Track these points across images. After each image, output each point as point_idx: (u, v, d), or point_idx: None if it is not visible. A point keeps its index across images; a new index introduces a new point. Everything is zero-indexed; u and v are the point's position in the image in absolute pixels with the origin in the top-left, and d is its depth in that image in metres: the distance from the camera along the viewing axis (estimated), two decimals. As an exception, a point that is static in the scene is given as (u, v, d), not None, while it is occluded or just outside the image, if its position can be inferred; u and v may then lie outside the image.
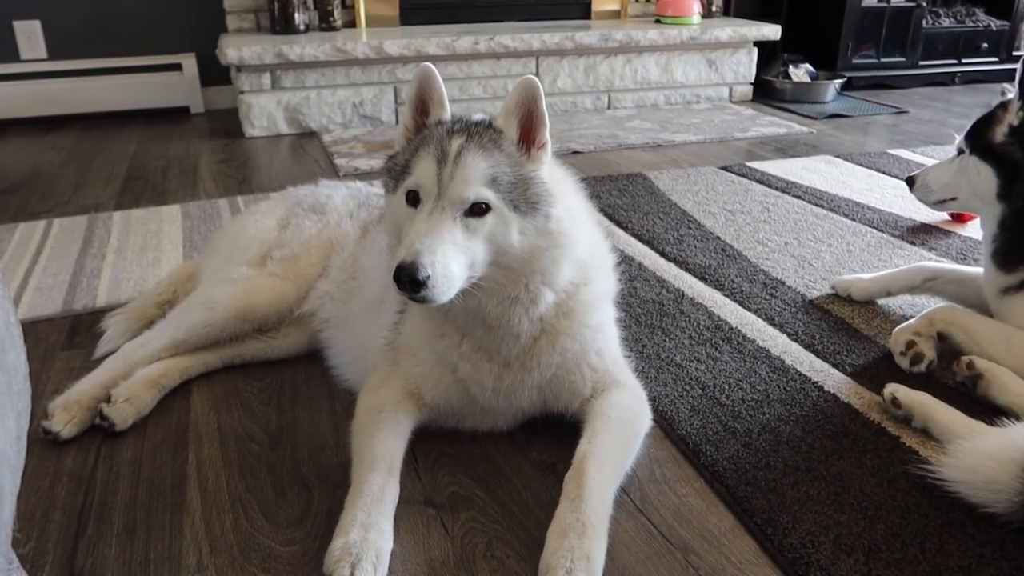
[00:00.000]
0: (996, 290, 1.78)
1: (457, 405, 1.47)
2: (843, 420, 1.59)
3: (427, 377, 1.45)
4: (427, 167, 1.27)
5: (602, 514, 1.22)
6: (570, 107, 4.42)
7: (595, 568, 1.14)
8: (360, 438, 1.39)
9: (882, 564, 1.22)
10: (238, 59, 3.75)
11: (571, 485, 1.25)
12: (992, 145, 1.76)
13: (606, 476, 1.29)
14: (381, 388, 1.46)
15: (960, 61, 5.21)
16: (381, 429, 1.38)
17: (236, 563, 1.24)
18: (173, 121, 4.31)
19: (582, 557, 1.13)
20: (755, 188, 3.03)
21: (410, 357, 1.47)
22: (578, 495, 1.23)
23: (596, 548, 1.16)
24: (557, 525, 1.19)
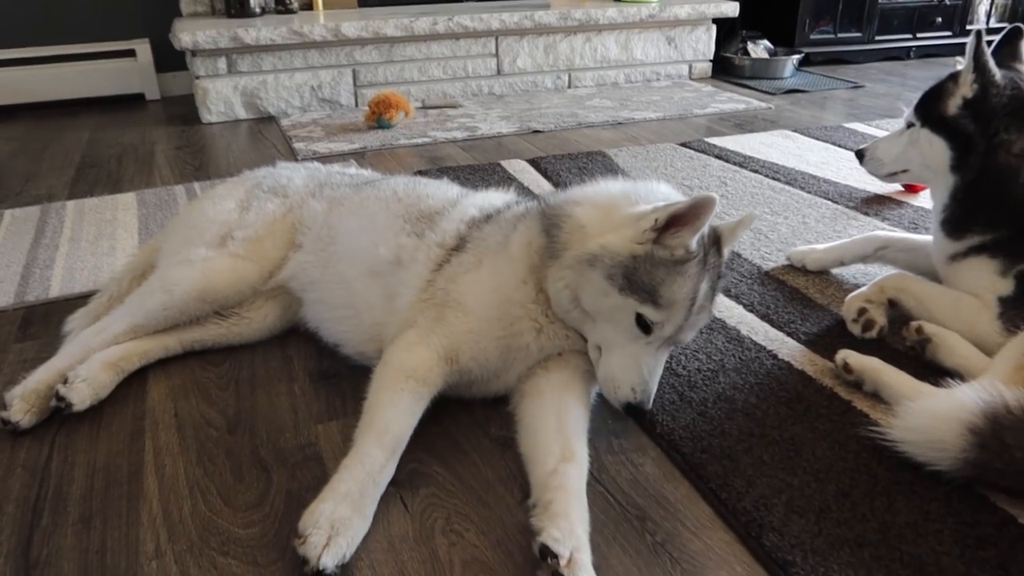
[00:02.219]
0: (945, 257, 1.81)
1: (489, 367, 1.48)
2: (797, 387, 1.62)
3: (474, 335, 1.45)
4: (677, 316, 1.36)
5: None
6: (530, 87, 4.41)
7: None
8: (381, 396, 1.37)
9: (832, 523, 1.25)
10: (193, 43, 3.68)
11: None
12: (945, 118, 1.78)
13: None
14: (418, 346, 1.43)
15: (915, 35, 5.28)
16: (404, 400, 1.36)
17: (195, 547, 1.24)
18: (128, 108, 4.23)
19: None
20: (714, 163, 3.05)
21: (460, 314, 1.46)
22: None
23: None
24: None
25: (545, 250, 1.44)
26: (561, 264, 1.40)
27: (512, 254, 1.49)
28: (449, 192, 1.78)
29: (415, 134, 3.53)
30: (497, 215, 1.63)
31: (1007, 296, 1.65)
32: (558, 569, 1.10)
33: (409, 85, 4.15)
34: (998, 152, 1.68)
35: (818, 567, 1.16)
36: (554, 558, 1.11)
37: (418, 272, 1.57)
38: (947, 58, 5.22)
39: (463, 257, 1.54)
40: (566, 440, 1.36)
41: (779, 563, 1.18)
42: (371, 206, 1.75)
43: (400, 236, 1.65)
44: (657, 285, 1.33)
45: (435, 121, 3.77)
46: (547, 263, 1.44)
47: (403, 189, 1.78)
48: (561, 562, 1.10)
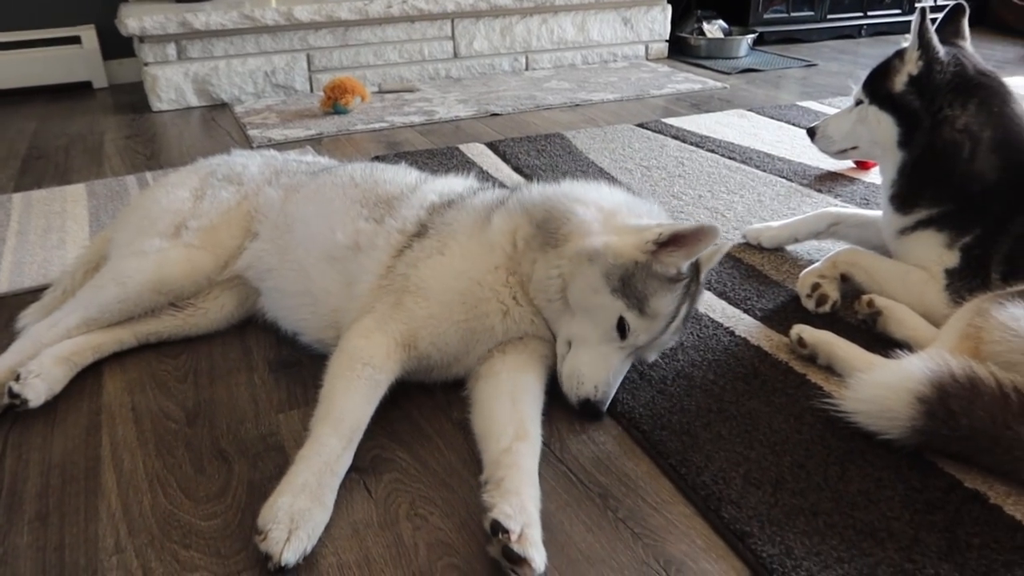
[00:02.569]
0: (894, 232, 1.86)
1: (449, 351, 1.48)
2: (753, 362, 1.65)
3: (434, 320, 1.45)
4: (655, 328, 1.43)
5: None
6: (488, 69, 4.39)
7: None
8: (337, 384, 1.36)
9: (788, 494, 1.28)
10: (140, 29, 3.59)
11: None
12: (892, 95, 1.82)
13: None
14: (375, 333, 1.43)
15: (866, 14, 5.36)
16: (360, 387, 1.36)
17: (156, 541, 1.22)
18: (75, 97, 4.11)
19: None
20: (670, 144, 3.08)
21: (420, 299, 1.46)
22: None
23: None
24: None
25: (534, 239, 1.47)
26: (559, 254, 1.44)
27: (490, 240, 1.50)
28: (407, 177, 1.77)
29: (372, 119, 3.50)
30: (460, 200, 1.63)
31: (953, 268, 1.70)
32: (508, 544, 1.11)
33: (365, 69, 4.09)
34: (943, 128, 1.72)
35: (774, 536, 1.20)
36: (505, 533, 1.12)
37: (377, 258, 1.56)
38: (897, 36, 5.32)
39: (425, 242, 1.53)
40: (520, 419, 1.37)
41: (737, 534, 1.21)
42: (328, 192, 1.74)
43: (358, 221, 1.64)
44: (648, 295, 1.39)
45: (392, 106, 3.74)
46: (536, 252, 1.46)
47: (360, 175, 1.77)
48: (512, 537, 1.11)
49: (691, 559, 1.18)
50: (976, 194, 1.70)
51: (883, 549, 1.17)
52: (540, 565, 1.12)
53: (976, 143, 1.70)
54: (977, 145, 1.70)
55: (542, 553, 1.13)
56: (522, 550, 1.11)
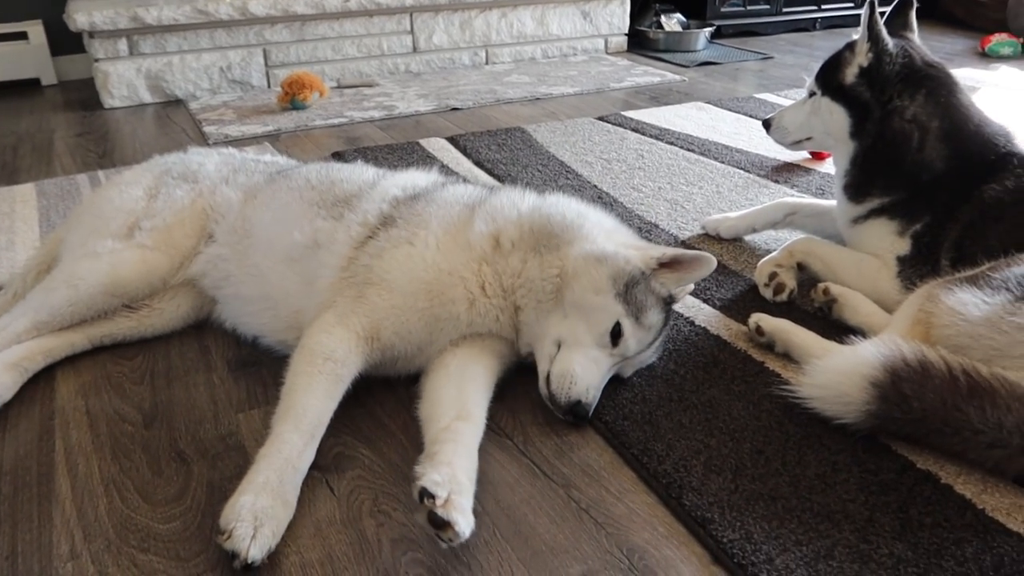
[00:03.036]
0: (847, 220, 1.90)
1: (412, 341, 1.47)
2: (713, 351, 1.67)
3: (397, 309, 1.44)
4: (644, 340, 1.48)
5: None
6: (448, 64, 4.37)
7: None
8: (298, 380, 1.35)
9: (748, 479, 1.30)
10: (89, 24, 3.50)
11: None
12: (844, 86, 1.85)
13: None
14: (337, 328, 1.42)
15: (820, 7, 5.45)
16: (322, 382, 1.35)
17: (112, 546, 1.20)
18: (22, 94, 4.00)
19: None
20: (630, 136, 3.10)
21: (383, 291, 1.45)
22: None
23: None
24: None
25: (522, 241, 1.51)
26: (559, 255, 1.48)
27: (468, 240, 1.51)
28: (365, 175, 1.75)
29: (331, 114, 3.46)
30: (427, 193, 1.62)
31: (904, 255, 1.74)
32: (433, 508, 1.11)
33: (323, 64, 4.05)
34: (892, 118, 1.76)
35: (735, 522, 1.21)
36: (431, 499, 1.12)
37: (337, 251, 1.55)
38: (851, 28, 5.40)
39: (392, 232, 1.52)
40: (464, 403, 1.37)
41: (698, 521, 1.22)
42: (284, 196, 1.71)
43: (316, 221, 1.62)
44: (647, 307, 1.45)
45: (351, 101, 3.70)
46: (526, 252, 1.49)
47: (316, 177, 1.75)
48: (437, 502, 1.11)
49: (653, 546, 1.19)
50: (925, 183, 1.74)
51: (840, 530, 1.20)
52: (465, 529, 1.11)
53: (925, 133, 1.74)
54: (926, 135, 1.74)
55: (468, 519, 1.13)
56: (446, 514, 1.10)
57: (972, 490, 1.27)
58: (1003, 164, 1.69)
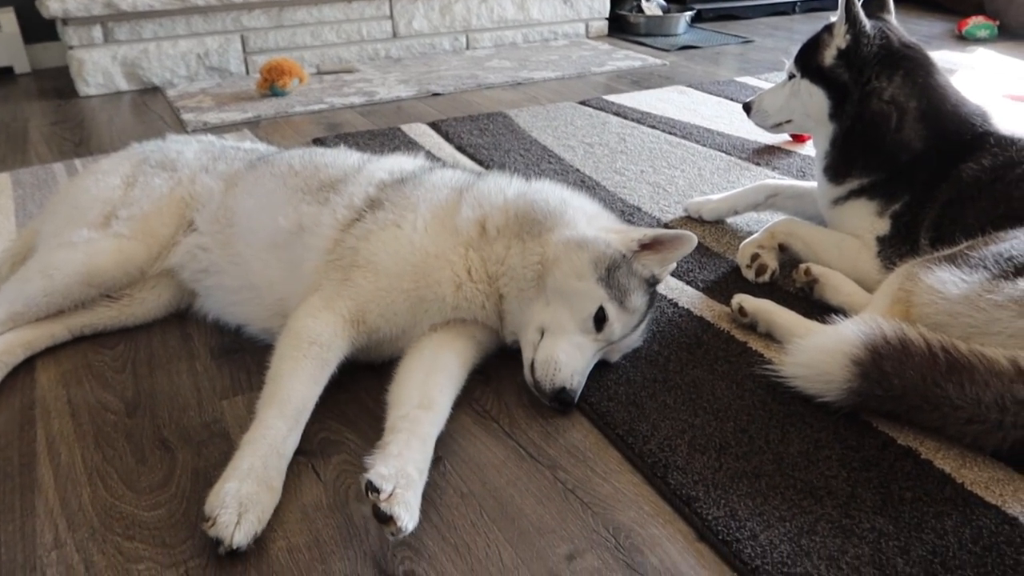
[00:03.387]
0: (828, 202, 1.91)
1: (398, 323, 1.47)
2: (696, 332, 1.68)
3: (382, 291, 1.44)
4: (629, 324, 1.48)
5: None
6: (428, 49, 4.34)
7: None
8: (283, 365, 1.35)
9: (732, 458, 1.32)
10: (62, 11, 3.44)
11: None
12: (822, 68, 1.86)
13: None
14: (323, 311, 1.41)
15: (799, -10, 5.47)
16: (307, 367, 1.35)
17: (97, 535, 1.19)
18: (-5, 83, 3.93)
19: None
20: (612, 120, 3.10)
21: (369, 274, 1.44)
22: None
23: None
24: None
25: (507, 228, 1.50)
26: (541, 242, 1.47)
27: (455, 225, 1.50)
28: (349, 159, 1.74)
29: (311, 101, 3.43)
30: (415, 177, 1.61)
31: (884, 235, 1.75)
32: (377, 503, 1.11)
33: (302, 51, 4.01)
34: (871, 99, 1.77)
35: (719, 500, 1.23)
36: (375, 492, 1.12)
37: (323, 234, 1.54)
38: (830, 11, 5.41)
39: (379, 214, 1.51)
40: (428, 390, 1.37)
41: (684, 499, 1.23)
42: (267, 183, 1.70)
43: (300, 206, 1.61)
44: (630, 291, 1.45)
45: (331, 87, 3.67)
46: (510, 239, 1.49)
47: (299, 162, 1.73)
48: (382, 496, 1.12)
49: (639, 525, 1.20)
50: (904, 163, 1.75)
51: (822, 506, 1.21)
52: (408, 524, 1.12)
53: (903, 113, 1.75)
54: (904, 115, 1.75)
55: (412, 514, 1.13)
56: (389, 508, 1.11)
57: (951, 465, 1.29)
58: (980, 143, 1.70)
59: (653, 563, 1.14)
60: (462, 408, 1.47)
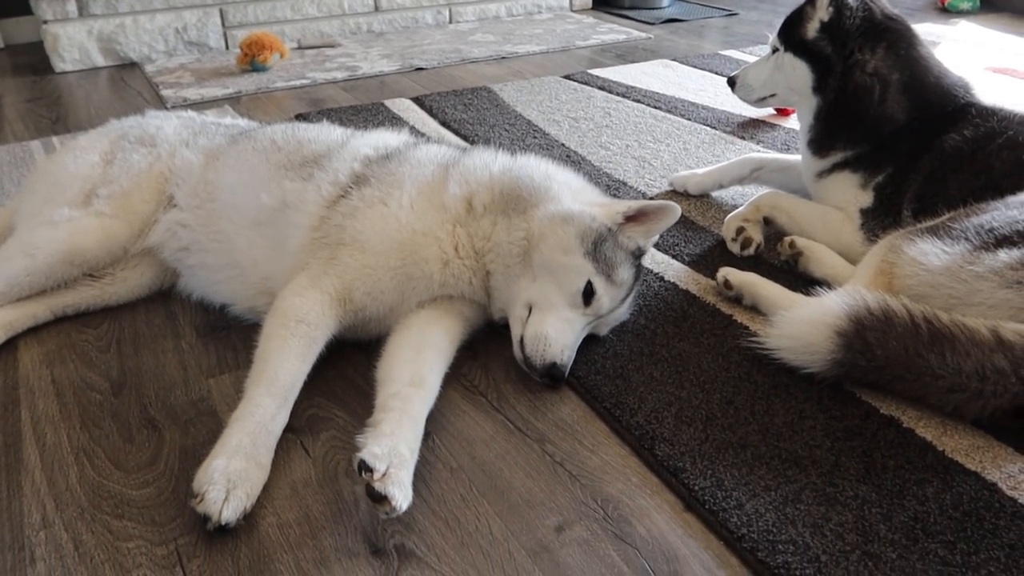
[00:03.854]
0: (812, 175, 1.92)
1: (385, 301, 1.46)
2: (682, 305, 1.69)
3: (369, 269, 1.43)
4: (616, 297, 1.49)
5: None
6: (411, 23, 4.29)
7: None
8: (271, 344, 1.34)
9: (718, 429, 1.33)
10: (34, -16, 3.36)
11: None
12: (806, 41, 1.86)
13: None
14: (310, 290, 1.41)
15: (783, -38, 5.42)
16: (295, 345, 1.34)
17: (86, 513, 1.19)
18: (-33, 59, 3.85)
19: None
20: (597, 95, 3.08)
21: (355, 252, 1.44)
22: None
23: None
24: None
25: (493, 204, 1.50)
26: (526, 218, 1.47)
27: (443, 202, 1.50)
28: (332, 134, 1.72)
29: (292, 76, 3.39)
30: (400, 153, 1.60)
31: (867, 208, 1.76)
32: (371, 482, 1.12)
33: (282, 25, 3.95)
34: (854, 72, 1.78)
35: (706, 470, 1.24)
36: (368, 472, 1.12)
37: (308, 211, 1.53)
38: (813, -15, 5.39)
39: (366, 191, 1.50)
40: (418, 368, 1.37)
41: (670, 470, 1.25)
42: (249, 159, 1.68)
43: (284, 182, 1.59)
44: (617, 264, 1.46)
45: (313, 62, 3.62)
46: (496, 215, 1.49)
47: (282, 137, 1.71)
48: (375, 475, 1.12)
49: (627, 496, 1.22)
50: (887, 135, 1.76)
51: (807, 475, 1.23)
52: (402, 503, 1.12)
53: (886, 86, 1.75)
54: (887, 88, 1.75)
55: (405, 493, 1.14)
56: (383, 487, 1.11)
57: (933, 433, 1.31)
58: (962, 114, 1.71)
59: (641, 533, 1.15)
60: (451, 383, 1.47)
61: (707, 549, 1.13)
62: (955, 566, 1.07)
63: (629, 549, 1.12)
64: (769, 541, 1.11)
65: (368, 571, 1.10)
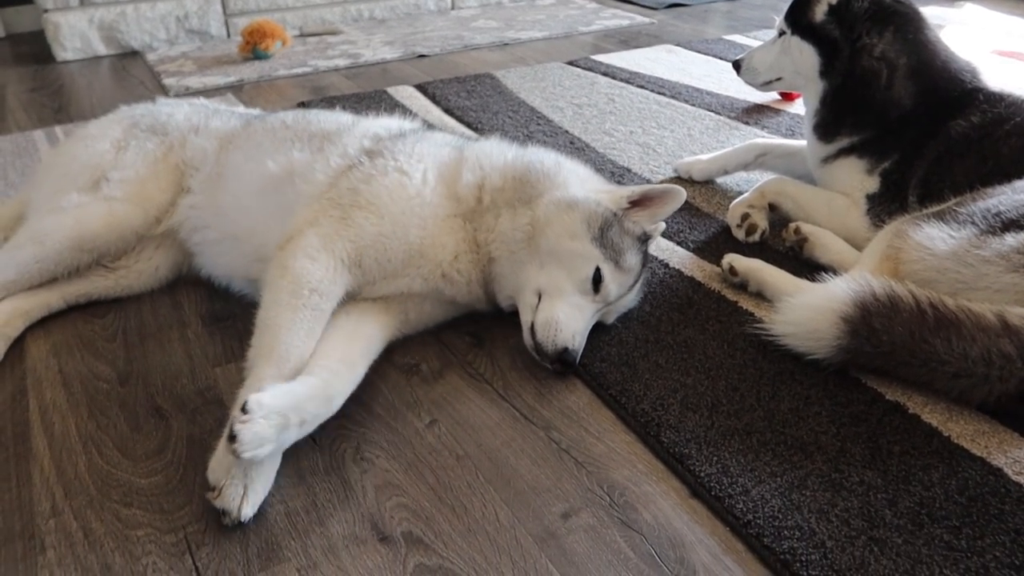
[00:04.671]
0: (817, 160, 1.91)
1: (384, 272, 1.45)
2: (687, 292, 1.69)
3: (384, 238, 1.42)
4: (625, 283, 1.49)
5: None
6: (412, 10, 4.26)
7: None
8: (281, 314, 1.31)
9: (723, 416, 1.33)
10: (35, -27, 3.35)
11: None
12: (813, 25, 1.84)
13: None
14: (322, 253, 1.37)
15: (788, -55, 5.38)
16: (306, 319, 1.31)
17: (95, 502, 1.20)
18: (-31, 49, 3.84)
19: None
20: (601, 81, 3.07)
21: (371, 215, 1.42)
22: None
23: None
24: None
25: (501, 195, 1.50)
26: (531, 207, 1.48)
27: (457, 192, 1.50)
28: (342, 118, 1.72)
29: (295, 64, 3.38)
30: (413, 134, 1.61)
31: (873, 193, 1.76)
32: (235, 422, 1.10)
33: (284, 12, 3.93)
34: (861, 56, 1.76)
35: (712, 457, 1.24)
36: (244, 413, 1.11)
37: (316, 179, 1.51)
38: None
39: (379, 161, 1.49)
40: (350, 352, 1.36)
41: (676, 457, 1.25)
42: (259, 137, 1.68)
43: (292, 152, 1.59)
44: (624, 250, 1.46)
45: (315, 49, 3.61)
46: (501, 207, 1.49)
47: (292, 119, 1.72)
48: (243, 417, 1.10)
49: (633, 483, 1.22)
50: (894, 120, 1.75)
51: (812, 461, 1.23)
52: (247, 451, 1.10)
53: (893, 70, 1.74)
54: (894, 72, 1.74)
55: (255, 444, 1.11)
56: (238, 430, 1.09)
57: (938, 419, 1.31)
58: (969, 100, 1.70)
59: (647, 520, 1.15)
60: (455, 371, 1.48)
61: (713, 535, 1.13)
62: (961, 551, 1.08)
63: (635, 535, 1.13)
64: (775, 527, 1.12)
65: (376, 558, 1.10)
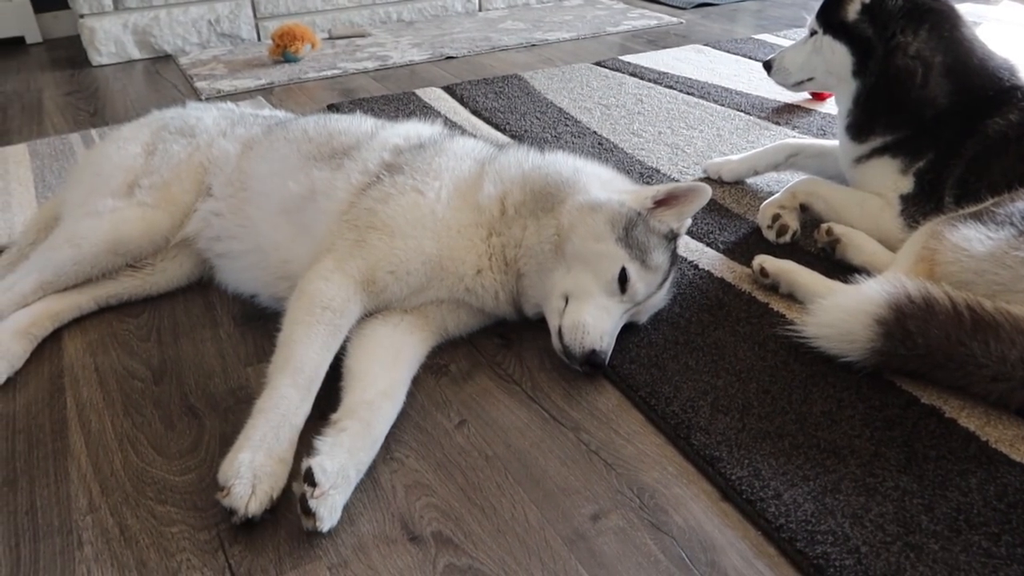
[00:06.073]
0: (850, 160, 1.88)
1: (407, 285, 1.46)
2: (717, 293, 1.68)
3: (396, 252, 1.43)
4: (653, 283, 1.47)
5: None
6: (440, 11, 4.28)
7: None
8: (296, 331, 1.34)
9: (755, 418, 1.32)
10: (71, -21, 3.41)
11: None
12: (846, 24, 1.82)
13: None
14: (335, 274, 1.40)
15: (818, -57, 5.32)
16: (320, 333, 1.34)
17: (130, 499, 1.22)
18: (7, 54, 3.92)
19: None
20: (628, 81, 3.06)
21: (386, 236, 1.44)
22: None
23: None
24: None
25: (524, 206, 1.50)
26: (555, 214, 1.47)
27: (478, 203, 1.50)
28: (363, 125, 1.73)
29: (324, 66, 3.41)
30: (434, 144, 1.61)
31: (907, 194, 1.73)
32: (307, 496, 1.12)
33: (313, 15, 3.96)
34: (895, 55, 1.74)
35: (743, 459, 1.23)
36: (312, 486, 1.13)
37: (338, 197, 1.53)
38: (849, -34, 5.28)
39: (398, 179, 1.50)
40: (393, 378, 1.37)
41: (707, 459, 1.24)
42: (281, 148, 1.69)
43: (312, 171, 1.60)
44: (650, 248, 1.45)
45: (344, 52, 3.64)
46: (526, 219, 1.49)
47: (313, 128, 1.73)
48: (316, 492, 1.13)
49: (663, 485, 1.21)
50: (929, 120, 1.72)
51: (846, 465, 1.22)
52: (325, 526, 1.13)
53: (928, 69, 1.71)
54: (929, 71, 1.71)
55: (333, 516, 1.14)
56: (315, 505, 1.12)
57: (976, 423, 1.29)
58: (1007, 98, 1.67)
59: (678, 522, 1.15)
60: (484, 372, 1.48)
61: (744, 539, 1.12)
62: (999, 558, 1.06)
63: (666, 538, 1.12)
64: (808, 531, 1.10)
65: (406, 557, 1.11)
